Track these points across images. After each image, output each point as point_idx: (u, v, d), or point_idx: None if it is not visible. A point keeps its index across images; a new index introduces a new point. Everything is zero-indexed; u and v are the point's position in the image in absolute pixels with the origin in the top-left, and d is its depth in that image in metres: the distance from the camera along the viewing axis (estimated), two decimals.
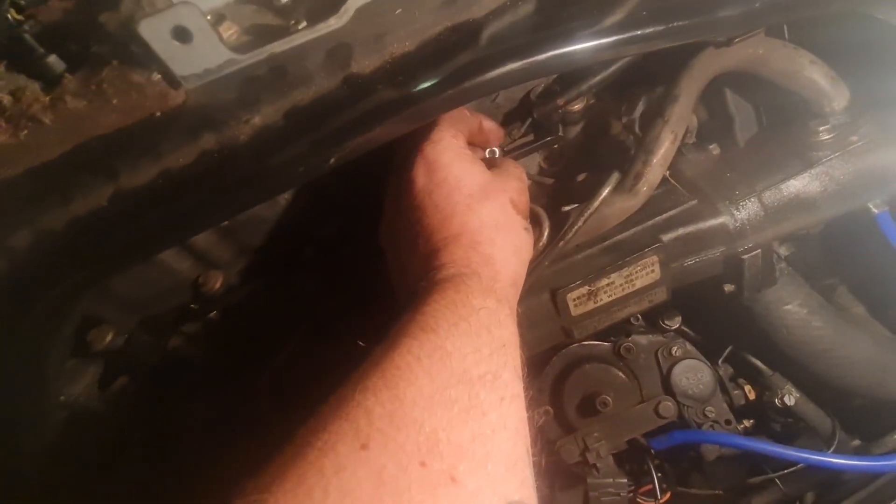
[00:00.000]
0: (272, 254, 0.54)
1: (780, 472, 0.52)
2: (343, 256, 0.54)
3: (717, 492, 0.54)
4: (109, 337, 0.50)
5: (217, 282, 0.53)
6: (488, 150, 0.48)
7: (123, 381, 0.53)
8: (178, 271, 0.51)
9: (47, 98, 0.30)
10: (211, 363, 0.55)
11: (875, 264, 0.53)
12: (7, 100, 0.29)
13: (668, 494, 0.52)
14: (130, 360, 0.52)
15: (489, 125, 0.45)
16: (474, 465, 0.21)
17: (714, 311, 0.55)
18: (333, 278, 0.54)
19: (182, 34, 0.28)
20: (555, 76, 0.49)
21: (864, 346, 0.49)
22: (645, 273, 0.46)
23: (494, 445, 0.23)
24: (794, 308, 0.49)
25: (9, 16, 0.29)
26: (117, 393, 0.52)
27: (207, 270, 0.53)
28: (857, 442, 0.59)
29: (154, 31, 0.28)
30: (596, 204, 0.43)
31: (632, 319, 0.53)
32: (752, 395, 0.56)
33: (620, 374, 0.51)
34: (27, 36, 0.30)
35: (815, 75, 0.42)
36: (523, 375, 0.30)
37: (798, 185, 0.44)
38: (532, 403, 0.53)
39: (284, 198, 0.50)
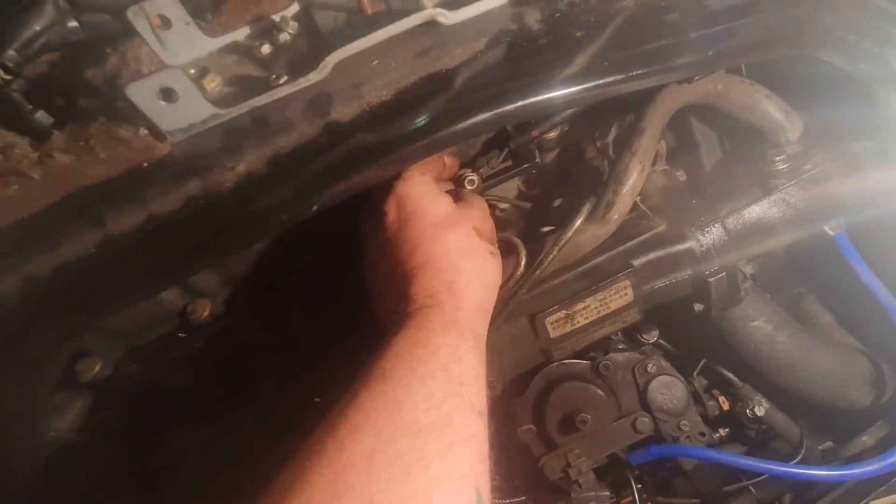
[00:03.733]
0: (258, 282, 0.55)
1: (754, 480, 0.55)
2: (328, 283, 0.55)
3: (694, 501, 0.56)
4: (97, 368, 0.50)
5: (204, 311, 0.54)
6: (467, 179, 0.50)
7: (111, 412, 0.54)
8: (165, 301, 0.52)
9: (36, 154, 0.31)
10: (197, 391, 0.56)
11: (837, 281, 0.56)
12: None
13: None
14: (118, 390, 0.53)
15: (449, 160, 0.47)
16: None
17: (687, 327, 0.57)
18: (319, 305, 0.55)
19: (168, 94, 0.30)
20: None
21: (826, 360, 0.52)
22: (618, 296, 0.48)
23: (435, 498, 0.24)
24: (759, 324, 0.51)
25: None
26: (104, 424, 0.53)
27: (195, 299, 0.54)
28: (828, 443, 0.62)
29: (141, 93, 0.29)
30: (570, 233, 0.45)
31: (611, 336, 0.55)
32: (725, 406, 0.59)
33: (599, 391, 0.53)
34: (15, 94, 0.31)
35: (770, 109, 0.45)
36: (487, 405, 0.31)
37: (758, 210, 0.47)
38: (516, 421, 0.55)
39: None
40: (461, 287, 0.35)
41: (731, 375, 0.57)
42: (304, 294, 0.56)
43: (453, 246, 0.37)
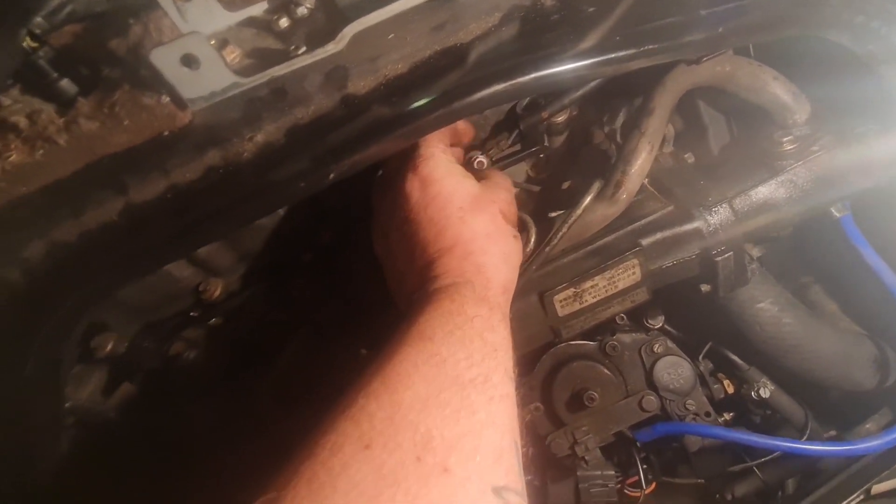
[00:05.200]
0: (271, 260, 0.56)
1: (758, 461, 0.55)
2: (340, 262, 0.56)
3: (699, 481, 0.57)
4: (112, 343, 0.51)
5: (217, 289, 0.54)
6: (476, 160, 0.50)
7: (127, 386, 0.55)
8: (179, 279, 0.53)
9: (62, 120, 0.32)
10: (212, 368, 0.57)
11: (843, 264, 0.57)
12: (24, 122, 0.31)
13: (654, 484, 0.55)
14: (132, 366, 0.54)
15: (461, 125, 0.47)
16: (464, 457, 0.24)
17: (694, 310, 0.58)
18: (330, 284, 0.56)
19: (190, 61, 0.31)
20: None
21: (831, 341, 0.53)
22: (626, 275, 0.49)
23: (482, 440, 0.25)
24: (765, 306, 0.52)
25: (24, 43, 0.31)
26: (121, 397, 0.54)
27: (208, 278, 0.55)
28: (832, 432, 0.63)
29: (164, 59, 0.30)
30: (579, 211, 0.46)
31: (617, 319, 0.56)
32: (730, 389, 0.59)
33: (606, 370, 0.53)
34: (42, 62, 0.32)
35: (777, 91, 0.46)
36: (515, 375, 0.32)
37: (765, 191, 0.47)
38: (523, 400, 0.56)
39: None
40: (490, 269, 0.37)
41: (736, 358, 0.58)
42: (316, 273, 0.56)
43: (480, 230, 0.38)
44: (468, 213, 0.37)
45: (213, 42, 0.35)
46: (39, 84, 0.32)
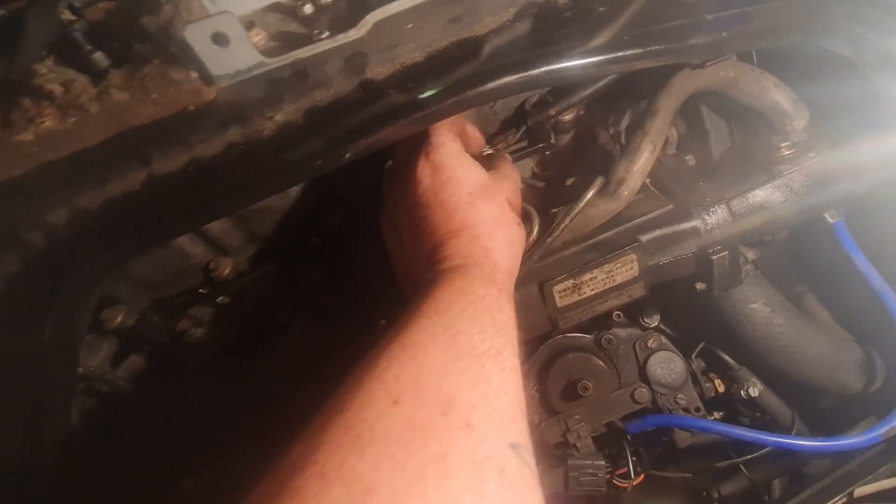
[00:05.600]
0: (280, 243, 0.57)
1: (745, 458, 0.57)
2: (347, 247, 0.57)
3: (686, 475, 0.58)
4: (121, 316, 0.53)
5: (227, 267, 0.56)
6: (484, 154, 0.52)
7: (134, 358, 0.56)
8: (190, 255, 0.54)
9: (95, 90, 0.33)
10: (217, 345, 0.59)
11: (835, 270, 0.58)
12: (58, 90, 0.33)
13: (642, 476, 0.57)
14: (140, 339, 0.55)
15: (472, 130, 0.49)
16: (484, 416, 0.26)
17: (689, 310, 0.59)
18: (336, 267, 0.58)
19: (220, 39, 0.32)
20: (548, 88, 0.54)
21: (820, 344, 0.54)
22: (625, 269, 0.50)
23: (498, 404, 0.27)
24: (758, 307, 0.53)
25: (62, 16, 0.33)
26: (128, 368, 0.55)
27: (218, 256, 0.56)
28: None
29: (196, 35, 0.32)
30: (581, 205, 0.48)
31: (614, 316, 0.57)
32: (721, 388, 0.61)
33: (601, 362, 0.55)
34: (77, 34, 0.33)
35: (778, 97, 0.47)
36: (520, 353, 0.34)
37: (762, 194, 0.49)
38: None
39: (295, 190, 0.53)
40: (496, 252, 0.38)
41: (728, 358, 0.59)
42: (323, 257, 0.58)
43: (488, 215, 0.39)
44: (477, 198, 0.39)
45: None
46: (74, 55, 0.34)
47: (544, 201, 0.59)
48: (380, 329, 0.30)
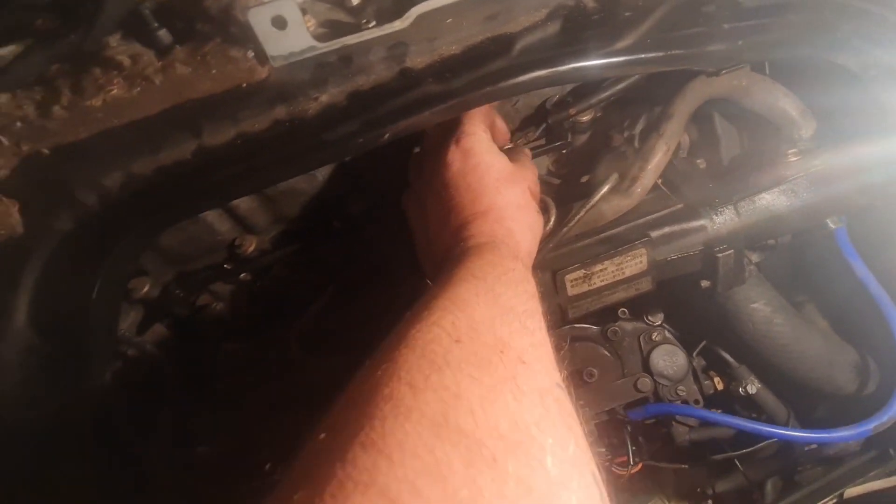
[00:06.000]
0: (303, 224, 0.60)
1: (740, 451, 0.59)
2: (366, 231, 0.60)
3: (683, 466, 0.60)
4: (147, 287, 0.55)
5: (252, 245, 0.59)
6: (504, 148, 0.55)
7: (158, 327, 0.59)
8: (218, 231, 0.57)
9: (160, 63, 0.36)
10: (236, 320, 0.61)
11: (834, 277, 0.61)
12: (127, 62, 0.36)
13: (640, 465, 0.59)
14: (164, 310, 0.58)
15: (500, 124, 0.52)
16: (534, 357, 0.28)
17: (692, 309, 0.62)
18: (356, 250, 0.61)
19: (279, 22, 0.35)
20: (569, 89, 0.57)
21: (817, 344, 0.57)
22: (634, 263, 0.53)
23: (543, 352, 0.29)
24: (759, 306, 0.56)
25: None
26: (153, 336, 0.58)
27: (244, 234, 0.59)
28: (814, 446, 0.66)
29: (258, 17, 0.35)
30: (596, 198, 0.50)
31: (620, 313, 0.60)
32: (720, 386, 0.63)
33: (606, 352, 0.57)
34: (146, 12, 0.36)
35: (787, 107, 0.50)
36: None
37: (768, 198, 0.52)
38: None
39: (321, 174, 0.56)
40: (518, 234, 0.41)
41: (728, 356, 0.62)
42: (343, 240, 0.61)
43: (512, 200, 0.42)
44: (503, 184, 0.42)
45: None
46: (141, 31, 0.37)
47: (559, 197, 0.62)
48: (403, 304, 0.32)
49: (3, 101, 0.36)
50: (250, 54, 0.37)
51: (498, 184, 0.42)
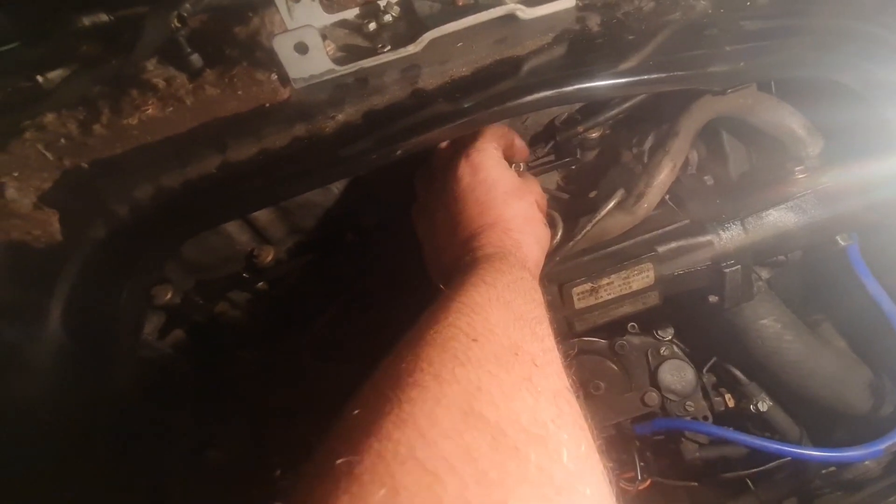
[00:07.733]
0: (318, 236, 0.62)
1: (751, 470, 0.58)
2: (378, 244, 0.62)
3: (692, 483, 0.60)
4: (169, 294, 0.58)
5: (269, 255, 0.61)
6: (513, 164, 0.56)
7: (178, 332, 0.61)
8: (237, 242, 0.59)
9: (191, 85, 0.39)
10: (252, 327, 0.63)
11: (847, 295, 0.60)
12: (162, 84, 0.39)
13: (649, 482, 0.58)
14: (184, 317, 0.60)
15: (520, 143, 0.54)
16: (546, 361, 0.29)
17: (702, 325, 0.62)
18: (368, 262, 0.63)
19: (301, 48, 0.38)
20: (578, 107, 0.58)
21: (829, 362, 0.56)
22: (641, 277, 0.53)
23: (552, 357, 0.30)
24: (768, 322, 0.56)
25: (173, 23, 0.39)
26: (173, 341, 0.60)
27: (262, 245, 0.62)
28: (831, 468, 0.65)
29: (282, 44, 0.37)
30: (602, 213, 0.52)
31: (629, 327, 0.60)
32: (731, 403, 0.63)
33: (613, 366, 0.58)
34: (181, 39, 0.40)
35: (793, 125, 0.51)
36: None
37: (776, 214, 0.52)
38: None
39: (337, 188, 0.58)
40: (525, 246, 0.42)
41: (738, 373, 0.61)
42: (356, 252, 0.63)
43: (520, 212, 0.43)
44: (511, 197, 0.43)
45: None
46: (176, 56, 0.40)
47: (567, 212, 0.63)
48: (414, 313, 0.33)
49: (49, 119, 0.39)
50: (274, 77, 0.40)
51: (506, 197, 0.43)
